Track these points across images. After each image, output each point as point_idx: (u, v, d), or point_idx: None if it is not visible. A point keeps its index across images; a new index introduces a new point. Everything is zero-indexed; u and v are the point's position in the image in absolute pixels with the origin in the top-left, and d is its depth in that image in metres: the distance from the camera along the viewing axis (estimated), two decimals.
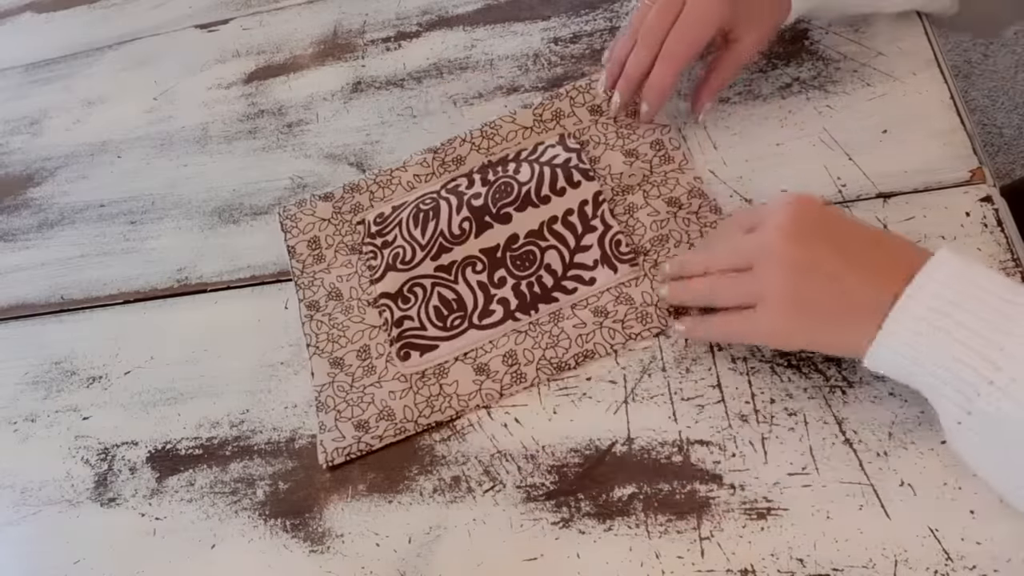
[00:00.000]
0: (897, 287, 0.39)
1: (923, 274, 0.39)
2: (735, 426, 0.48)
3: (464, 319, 0.55)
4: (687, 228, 0.54)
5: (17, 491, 0.59)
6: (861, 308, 0.40)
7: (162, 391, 0.60)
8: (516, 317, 0.54)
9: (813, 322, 0.42)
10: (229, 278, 0.63)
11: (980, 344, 0.37)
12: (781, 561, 0.44)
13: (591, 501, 0.48)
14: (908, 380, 0.41)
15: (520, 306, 0.54)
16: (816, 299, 0.42)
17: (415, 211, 0.58)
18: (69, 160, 0.74)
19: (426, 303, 0.56)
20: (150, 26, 0.80)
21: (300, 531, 0.52)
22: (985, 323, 0.37)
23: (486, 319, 0.55)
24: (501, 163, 0.59)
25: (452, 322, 0.55)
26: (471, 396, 0.53)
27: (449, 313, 0.55)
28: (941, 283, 0.39)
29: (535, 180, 0.57)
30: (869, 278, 0.41)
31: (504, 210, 0.57)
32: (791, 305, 0.42)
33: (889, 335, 0.39)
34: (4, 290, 0.69)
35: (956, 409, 0.39)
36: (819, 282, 0.41)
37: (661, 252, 0.54)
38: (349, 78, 0.69)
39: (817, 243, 0.42)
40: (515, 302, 0.55)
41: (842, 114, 0.56)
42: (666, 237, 0.54)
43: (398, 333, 0.55)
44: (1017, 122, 1.42)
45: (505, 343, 0.54)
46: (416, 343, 0.55)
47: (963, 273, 0.39)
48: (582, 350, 0.52)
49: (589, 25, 0.65)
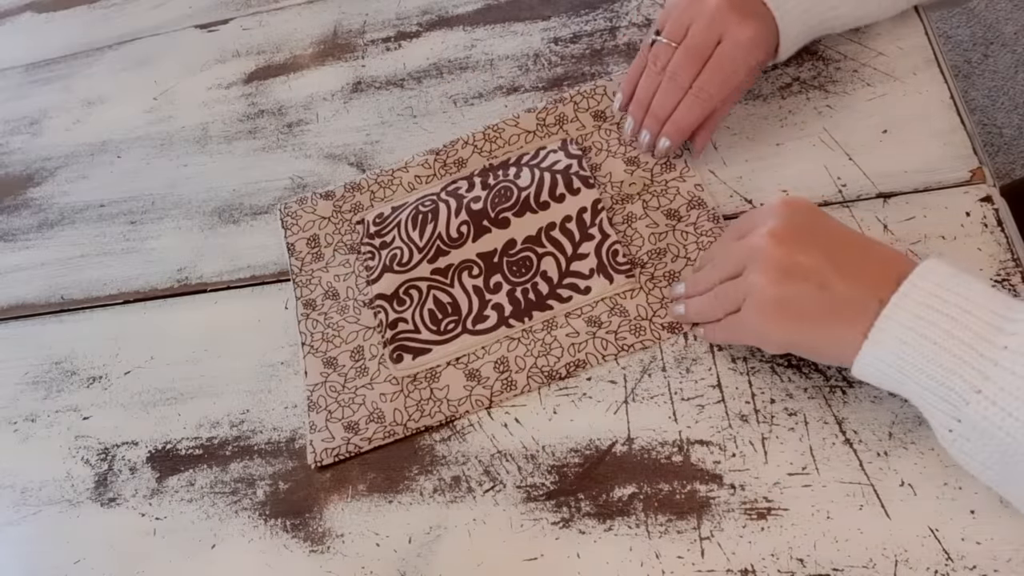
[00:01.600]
0: (884, 294, 0.39)
1: (909, 282, 0.39)
2: (735, 426, 0.48)
3: (458, 323, 0.55)
4: (684, 242, 0.54)
5: (17, 491, 0.59)
6: (847, 314, 0.40)
7: (162, 391, 0.60)
8: (510, 323, 0.54)
9: (796, 325, 0.42)
10: (229, 278, 0.63)
11: (967, 353, 0.37)
12: (781, 561, 0.44)
13: (591, 501, 0.48)
14: (896, 389, 0.41)
15: (514, 312, 0.54)
16: (800, 303, 0.42)
17: (414, 212, 0.58)
18: (69, 160, 0.74)
19: (421, 306, 0.56)
20: (150, 26, 0.80)
21: (300, 531, 0.52)
22: (972, 332, 0.37)
23: (480, 324, 0.55)
24: (502, 167, 0.59)
25: (446, 326, 0.55)
26: (461, 402, 0.53)
27: (443, 317, 0.55)
28: (928, 291, 0.38)
29: (535, 185, 0.57)
30: (856, 284, 0.40)
31: (503, 215, 0.56)
32: (774, 306, 0.42)
33: (875, 344, 0.39)
34: (4, 290, 0.69)
35: (946, 417, 0.38)
36: (805, 286, 0.41)
37: (658, 266, 0.54)
38: (349, 78, 0.69)
39: (805, 248, 0.42)
40: (509, 308, 0.55)
41: (842, 114, 0.56)
42: (664, 251, 0.54)
43: (392, 335, 0.56)
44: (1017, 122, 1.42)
45: (497, 349, 0.54)
46: (409, 346, 0.55)
47: (950, 282, 0.39)
48: (574, 359, 0.52)
49: (589, 25, 0.65)
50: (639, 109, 0.56)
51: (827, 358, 0.44)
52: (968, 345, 0.37)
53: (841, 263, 0.41)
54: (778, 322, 0.43)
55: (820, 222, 0.44)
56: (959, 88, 0.55)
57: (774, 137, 0.56)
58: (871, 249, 0.42)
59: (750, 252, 0.44)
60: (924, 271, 0.39)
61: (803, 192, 0.54)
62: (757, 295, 0.43)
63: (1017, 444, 0.36)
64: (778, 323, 0.43)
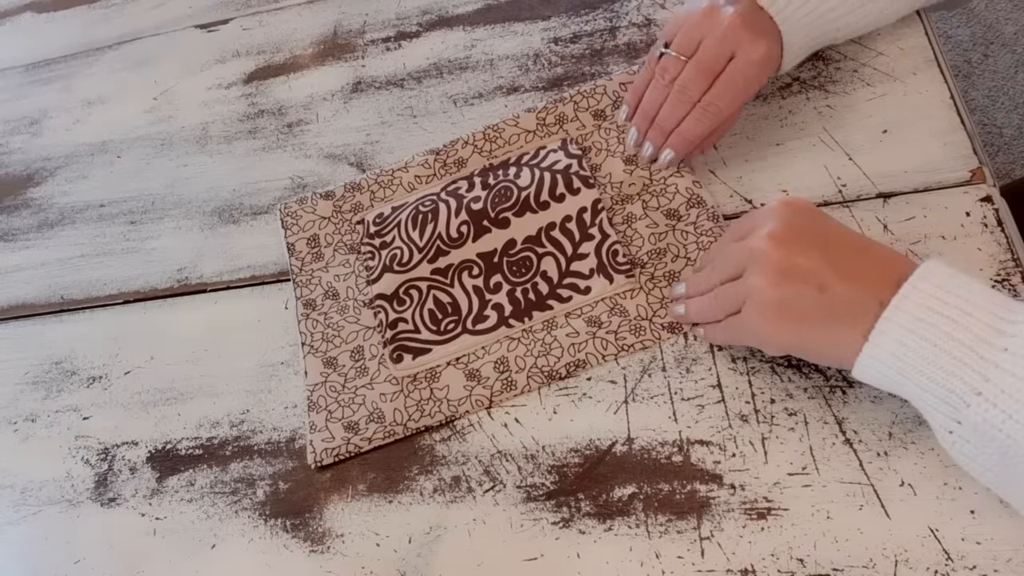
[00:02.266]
0: (884, 296, 0.39)
1: (909, 284, 0.39)
2: (735, 426, 0.48)
3: (458, 323, 0.55)
4: (684, 241, 0.54)
5: (17, 491, 0.59)
6: (847, 316, 0.40)
7: (162, 391, 0.60)
8: (510, 323, 0.54)
9: (796, 327, 0.42)
10: (229, 278, 0.63)
11: (967, 355, 0.37)
12: (781, 561, 0.44)
13: (591, 501, 0.48)
14: (896, 390, 0.41)
15: (514, 312, 0.54)
16: (800, 305, 0.42)
17: (414, 212, 0.58)
18: (69, 160, 0.74)
19: (421, 306, 0.56)
20: (150, 26, 0.80)
21: (300, 531, 0.52)
22: (972, 334, 0.37)
23: (480, 324, 0.55)
24: (502, 166, 0.59)
25: (446, 326, 0.55)
26: (461, 402, 0.53)
27: (443, 317, 0.55)
28: (928, 293, 0.38)
29: (535, 185, 0.57)
30: (856, 286, 0.40)
31: (503, 215, 0.56)
32: (773, 308, 0.42)
33: (875, 346, 0.39)
34: (4, 290, 0.69)
35: (946, 419, 0.38)
36: (804, 288, 0.41)
37: (658, 266, 0.54)
38: (349, 78, 0.69)
39: (805, 249, 0.42)
40: (509, 308, 0.55)
41: (842, 114, 0.56)
42: (664, 251, 0.54)
43: (392, 335, 0.56)
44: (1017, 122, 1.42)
45: (497, 349, 0.54)
46: (409, 346, 0.55)
47: (950, 283, 0.38)
48: (574, 359, 0.52)
49: (589, 25, 0.65)
50: (644, 120, 0.56)
51: (827, 360, 0.44)
52: (968, 347, 0.37)
53: (840, 265, 0.41)
54: (778, 324, 0.43)
55: (820, 223, 0.44)
56: (959, 88, 0.55)
57: (774, 137, 0.56)
58: (871, 250, 0.42)
59: (750, 254, 0.44)
60: (924, 272, 0.39)
61: (803, 192, 0.54)
62: (757, 297, 0.43)
63: (1017, 446, 0.36)
64: (778, 325, 0.43)
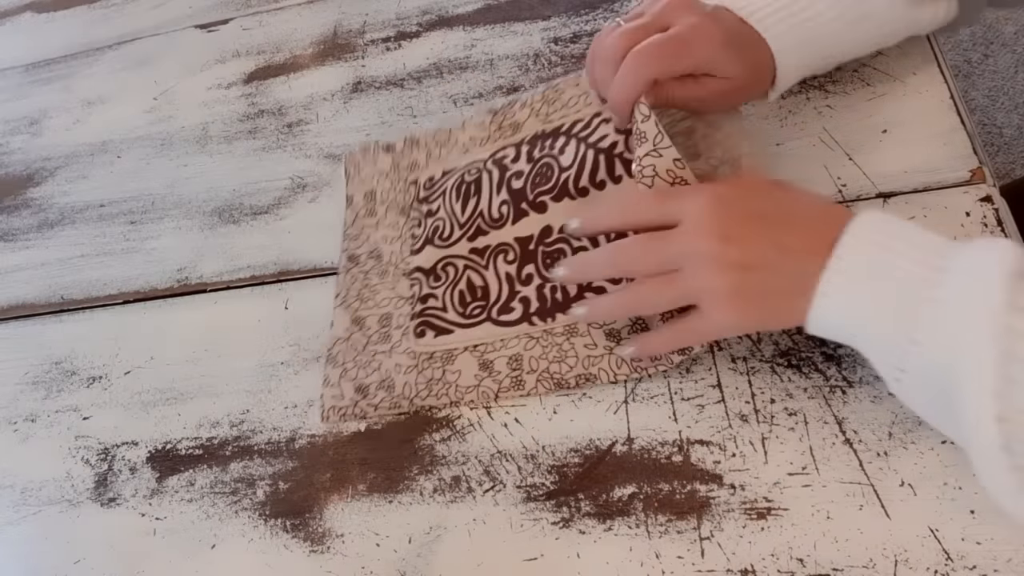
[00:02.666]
0: (823, 257, 0.41)
1: (843, 244, 0.40)
2: (735, 426, 0.48)
3: (484, 309, 0.55)
4: None
5: (17, 491, 0.59)
6: (799, 284, 0.42)
7: (162, 391, 0.60)
8: (532, 321, 0.54)
9: (761, 308, 0.43)
10: (229, 278, 0.63)
11: (902, 303, 0.39)
12: (781, 561, 0.44)
13: (591, 501, 0.48)
14: (848, 342, 0.43)
15: (539, 310, 0.54)
16: (758, 288, 0.43)
17: (459, 182, 0.58)
18: (69, 160, 0.74)
19: (454, 285, 0.56)
20: (150, 26, 0.80)
21: (300, 531, 0.52)
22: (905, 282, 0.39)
23: (504, 315, 0.54)
24: (552, 135, 0.57)
25: (472, 310, 0.55)
26: (468, 390, 0.53)
27: (472, 300, 0.55)
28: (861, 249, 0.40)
29: (576, 167, 0.54)
30: (800, 256, 0.42)
31: (540, 199, 0.55)
32: (739, 299, 0.43)
33: (820, 307, 0.41)
34: (4, 290, 0.69)
35: (891, 368, 0.40)
36: (755, 272, 0.42)
37: None
38: (349, 78, 0.69)
39: (741, 235, 0.43)
40: (536, 304, 0.54)
41: (842, 114, 0.56)
42: None
43: (421, 309, 0.56)
44: (1017, 122, 1.42)
45: (515, 345, 0.53)
46: (433, 323, 0.55)
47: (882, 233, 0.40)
48: (585, 372, 0.51)
49: (589, 25, 0.65)
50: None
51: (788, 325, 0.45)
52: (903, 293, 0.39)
53: (780, 240, 0.42)
54: (747, 311, 0.43)
55: (745, 202, 0.44)
56: (959, 88, 0.55)
57: (774, 137, 0.56)
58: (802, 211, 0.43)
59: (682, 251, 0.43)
60: (855, 228, 0.41)
61: None
62: (720, 293, 0.43)
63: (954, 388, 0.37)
64: (747, 312, 0.43)
